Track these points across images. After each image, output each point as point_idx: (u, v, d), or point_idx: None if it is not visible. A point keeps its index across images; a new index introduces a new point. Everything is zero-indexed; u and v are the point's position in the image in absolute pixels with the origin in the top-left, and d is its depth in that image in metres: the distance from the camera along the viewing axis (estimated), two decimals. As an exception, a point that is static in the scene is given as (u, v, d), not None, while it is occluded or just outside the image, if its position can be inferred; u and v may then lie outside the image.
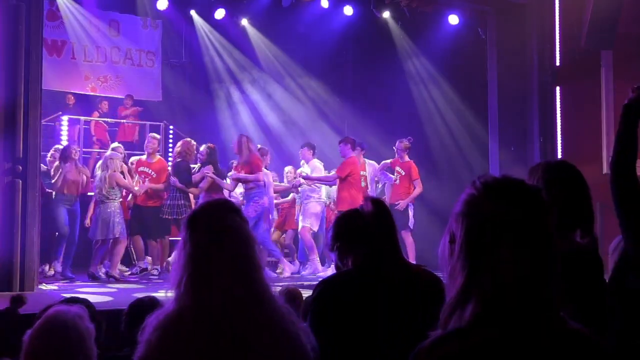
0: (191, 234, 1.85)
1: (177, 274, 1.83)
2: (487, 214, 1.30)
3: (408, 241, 8.87)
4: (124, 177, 8.33)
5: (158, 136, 9.86)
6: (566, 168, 2.49)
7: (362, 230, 2.44)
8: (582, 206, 2.39)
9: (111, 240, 8.20)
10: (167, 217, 8.51)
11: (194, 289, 1.77)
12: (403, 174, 9.16)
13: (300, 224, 9.33)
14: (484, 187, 1.34)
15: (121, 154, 8.62)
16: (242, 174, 8.46)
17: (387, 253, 2.44)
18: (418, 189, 9.15)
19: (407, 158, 9.27)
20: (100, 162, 8.66)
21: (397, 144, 9.32)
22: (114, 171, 8.18)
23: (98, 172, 8.43)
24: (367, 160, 9.54)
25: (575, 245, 2.31)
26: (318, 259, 9.05)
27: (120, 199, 8.36)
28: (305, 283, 7.14)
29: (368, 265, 2.42)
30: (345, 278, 2.47)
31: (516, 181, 1.36)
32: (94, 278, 8.14)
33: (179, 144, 9.08)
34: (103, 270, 8.38)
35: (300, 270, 9.25)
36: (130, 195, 8.76)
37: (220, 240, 1.82)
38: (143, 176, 8.68)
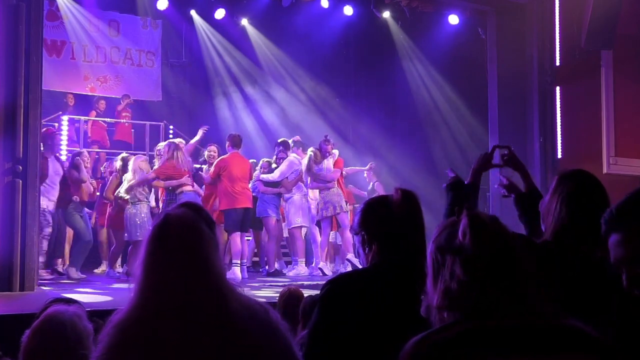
0: (153, 235, 1.80)
1: (135, 272, 1.81)
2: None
3: (345, 236, 8.68)
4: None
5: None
6: (595, 193, 2.40)
7: (387, 221, 2.31)
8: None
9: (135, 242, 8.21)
10: None
11: (145, 288, 1.75)
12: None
13: (293, 222, 9.07)
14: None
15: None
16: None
17: (411, 251, 2.27)
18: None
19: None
20: (128, 165, 8.53)
21: (323, 147, 8.90)
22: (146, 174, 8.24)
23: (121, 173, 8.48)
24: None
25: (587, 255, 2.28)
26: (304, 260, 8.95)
27: (149, 202, 8.34)
28: (306, 283, 7.14)
29: (384, 265, 2.30)
30: (354, 279, 2.37)
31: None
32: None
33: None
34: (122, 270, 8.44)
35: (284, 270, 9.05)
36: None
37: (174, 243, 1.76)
38: None
